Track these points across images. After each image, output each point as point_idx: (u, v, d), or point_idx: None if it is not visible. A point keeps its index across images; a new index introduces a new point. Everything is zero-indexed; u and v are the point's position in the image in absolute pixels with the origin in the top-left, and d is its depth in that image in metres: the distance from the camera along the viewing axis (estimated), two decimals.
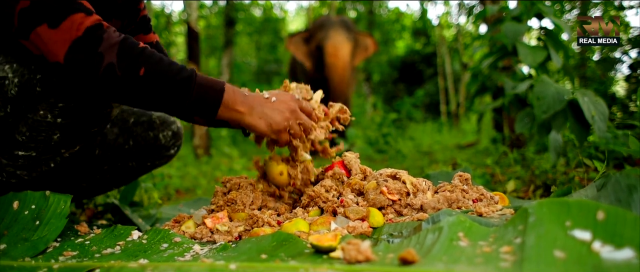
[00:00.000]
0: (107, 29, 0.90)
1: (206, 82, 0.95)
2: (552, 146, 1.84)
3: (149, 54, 0.92)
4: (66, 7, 0.87)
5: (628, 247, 0.53)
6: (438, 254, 0.62)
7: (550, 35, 2.23)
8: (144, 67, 0.90)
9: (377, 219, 0.95)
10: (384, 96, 11.53)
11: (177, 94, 0.93)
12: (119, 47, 0.89)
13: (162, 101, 0.94)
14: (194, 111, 0.96)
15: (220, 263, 0.67)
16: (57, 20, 0.87)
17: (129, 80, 0.90)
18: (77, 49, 0.87)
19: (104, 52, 0.88)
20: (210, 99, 0.95)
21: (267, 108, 0.99)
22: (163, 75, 0.91)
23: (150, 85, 0.91)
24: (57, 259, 0.86)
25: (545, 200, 0.63)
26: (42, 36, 0.87)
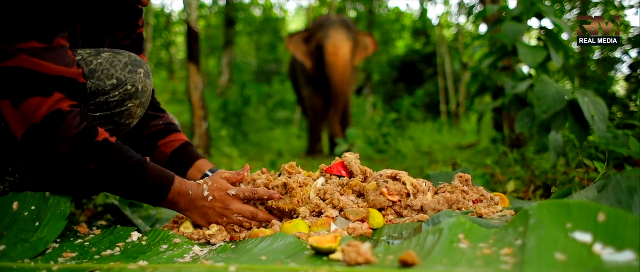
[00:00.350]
0: (67, 117, 0.92)
1: (154, 181, 1.02)
2: (552, 146, 1.84)
3: (104, 149, 0.96)
4: (26, 88, 0.90)
5: (629, 249, 0.53)
6: (438, 257, 0.62)
7: (550, 35, 2.23)
8: (93, 163, 0.96)
9: (377, 220, 0.95)
10: (384, 96, 11.52)
11: (124, 189, 1.01)
12: (72, 141, 0.93)
13: (110, 191, 1.03)
14: (141, 201, 1.06)
15: (220, 265, 0.67)
16: (17, 101, 0.91)
17: (78, 171, 0.96)
18: (33, 135, 0.92)
19: (58, 143, 0.93)
20: (155, 197, 1.03)
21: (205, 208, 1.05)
22: (112, 172, 0.98)
23: (98, 179, 0.98)
24: (56, 260, 0.86)
25: (546, 202, 0.63)
26: (4, 111, 0.92)
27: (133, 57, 1.06)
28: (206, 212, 1.04)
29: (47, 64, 0.90)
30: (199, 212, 1.05)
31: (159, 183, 1.02)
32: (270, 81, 11.83)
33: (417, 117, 7.70)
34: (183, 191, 1.04)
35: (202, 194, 1.05)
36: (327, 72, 4.79)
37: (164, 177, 1.03)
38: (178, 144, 1.30)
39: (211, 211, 1.04)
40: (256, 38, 13.80)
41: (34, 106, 0.90)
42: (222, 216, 1.03)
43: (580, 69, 3.54)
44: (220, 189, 1.06)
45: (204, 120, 4.51)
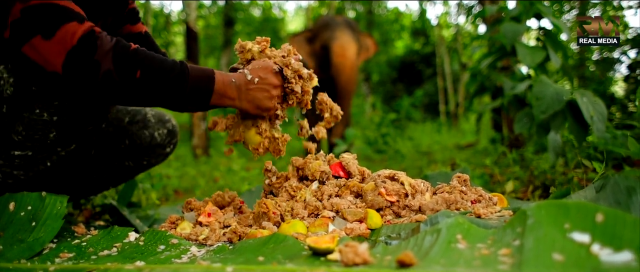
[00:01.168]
0: (100, 35, 0.90)
1: (198, 74, 0.98)
2: (551, 146, 1.84)
3: (142, 55, 0.93)
4: (58, 17, 0.88)
5: (627, 249, 0.52)
6: (436, 257, 0.61)
7: (549, 35, 2.23)
8: (139, 69, 0.92)
9: (375, 220, 0.95)
10: (383, 96, 11.52)
11: (172, 91, 0.96)
12: (113, 53, 0.90)
13: (160, 99, 0.97)
14: (189, 103, 0.99)
15: (217, 265, 0.67)
16: (51, 31, 0.87)
17: (127, 84, 0.92)
18: (73, 59, 0.88)
19: (100, 60, 0.89)
20: (203, 90, 0.98)
21: (254, 91, 1.02)
22: (158, 74, 0.93)
23: (148, 86, 0.93)
24: (53, 260, 0.85)
25: (544, 202, 0.62)
26: (37, 47, 0.88)
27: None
28: (255, 97, 1.03)
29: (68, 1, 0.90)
30: (248, 98, 1.03)
31: (203, 75, 0.98)
32: None
33: (416, 117, 7.70)
34: (226, 80, 1.01)
35: (245, 78, 1.03)
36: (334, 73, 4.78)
37: (204, 70, 1.00)
38: None
39: (260, 93, 1.03)
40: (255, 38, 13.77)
41: (71, 30, 0.87)
42: (272, 97, 1.04)
43: (579, 70, 3.54)
44: (261, 67, 1.05)
45: (203, 120, 4.50)
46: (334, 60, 4.74)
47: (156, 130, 1.40)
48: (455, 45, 9.94)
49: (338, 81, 4.78)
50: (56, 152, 1.09)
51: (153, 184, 2.04)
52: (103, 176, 1.40)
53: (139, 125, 1.38)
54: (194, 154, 4.45)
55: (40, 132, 1.02)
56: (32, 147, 1.04)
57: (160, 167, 2.95)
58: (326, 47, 4.82)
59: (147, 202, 1.86)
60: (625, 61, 3.00)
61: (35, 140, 1.03)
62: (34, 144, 1.04)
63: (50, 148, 1.06)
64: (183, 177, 2.99)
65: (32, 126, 1.01)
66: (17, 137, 1.02)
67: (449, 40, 10.66)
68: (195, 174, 3.11)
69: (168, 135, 1.44)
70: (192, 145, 4.52)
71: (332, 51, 4.74)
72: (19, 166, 1.07)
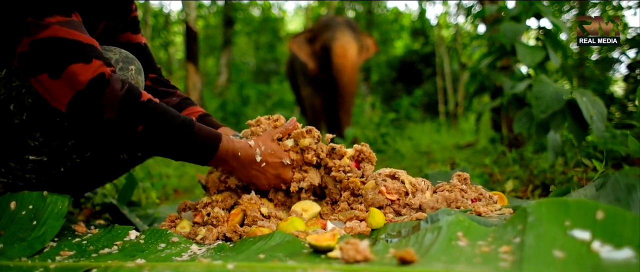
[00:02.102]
0: (110, 79, 0.90)
1: (202, 138, 1.00)
2: (551, 145, 1.84)
3: (150, 109, 0.94)
4: (65, 56, 0.87)
5: (627, 247, 0.53)
6: (437, 254, 0.62)
7: (548, 35, 2.23)
8: (142, 124, 0.93)
9: (377, 219, 0.94)
10: (383, 96, 11.52)
11: (173, 149, 0.99)
12: (119, 104, 0.91)
13: (159, 152, 1.00)
14: (188, 160, 1.02)
15: (217, 263, 0.67)
16: (58, 71, 0.87)
17: (127, 135, 0.94)
18: (78, 102, 0.89)
19: (105, 108, 0.90)
20: (204, 154, 1.01)
21: (255, 171, 1.06)
22: (161, 132, 0.95)
23: (148, 141, 0.96)
24: (53, 258, 0.86)
25: (544, 200, 0.63)
26: (44, 84, 0.88)
27: (123, 53, 1.05)
28: (256, 176, 1.06)
29: (77, 32, 0.89)
30: (248, 175, 1.06)
31: (208, 140, 1.00)
32: (268, 81, 11.82)
33: (415, 116, 7.70)
34: (231, 149, 1.03)
35: (253, 158, 1.05)
36: (335, 73, 4.78)
37: (211, 134, 1.01)
38: (196, 115, 1.30)
39: (262, 176, 1.06)
40: (255, 38, 13.79)
41: (77, 72, 0.87)
42: (271, 185, 1.07)
43: (579, 69, 3.54)
44: (274, 155, 1.07)
45: None
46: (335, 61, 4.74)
47: None
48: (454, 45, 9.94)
49: (339, 82, 4.78)
50: (71, 159, 1.09)
51: (153, 183, 2.04)
52: (98, 170, 1.40)
53: None
54: None
55: (57, 139, 1.02)
56: (48, 153, 1.04)
57: (159, 166, 2.95)
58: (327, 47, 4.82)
59: (146, 201, 1.86)
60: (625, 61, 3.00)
61: (52, 147, 1.03)
62: (51, 150, 1.04)
63: (66, 155, 1.07)
64: (183, 176, 2.99)
65: (50, 133, 1.01)
66: (34, 142, 1.02)
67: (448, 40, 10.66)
68: (195, 174, 3.11)
69: None
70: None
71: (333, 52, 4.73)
72: (32, 170, 1.07)
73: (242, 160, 1.04)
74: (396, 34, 13.40)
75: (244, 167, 1.05)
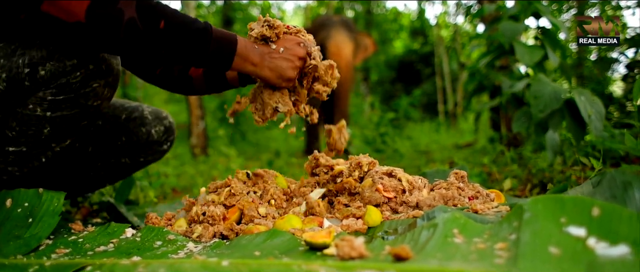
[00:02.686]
0: None
1: (221, 33, 0.98)
2: (549, 144, 1.84)
3: (164, 7, 0.93)
4: None
5: (623, 243, 0.52)
6: (432, 251, 0.61)
7: (547, 34, 2.23)
8: (163, 19, 0.91)
9: (373, 217, 0.94)
10: (382, 96, 11.52)
11: (195, 45, 0.95)
12: (137, 2, 0.89)
13: (182, 52, 0.95)
14: (211, 61, 0.98)
15: (213, 260, 0.67)
16: None
17: (151, 34, 0.91)
18: (97, 6, 0.87)
19: (124, 8, 0.88)
20: (226, 49, 0.98)
21: (278, 59, 1.04)
22: (182, 27, 0.93)
23: (171, 38, 0.93)
24: (49, 256, 0.85)
25: (540, 196, 0.62)
26: (57, 2, 0.86)
27: None
28: (278, 65, 1.03)
29: None
30: (271, 66, 1.03)
31: (226, 36, 0.98)
32: None
33: (414, 116, 7.70)
34: (249, 45, 1.02)
35: (270, 48, 1.04)
36: None
37: (228, 32, 1.00)
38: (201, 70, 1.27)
39: (283, 61, 1.03)
40: None
41: None
42: (297, 67, 1.05)
43: (578, 69, 3.54)
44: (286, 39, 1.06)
45: (202, 120, 4.50)
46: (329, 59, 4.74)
47: (153, 127, 1.40)
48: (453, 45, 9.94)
49: None
50: (51, 148, 1.08)
51: (151, 182, 2.04)
52: (99, 172, 1.40)
53: (136, 122, 1.38)
54: (193, 153, 4.44)
55: (33, 127, 1.01)
56: (26, 143, 1.04)
57: (158, 165, 2.95)
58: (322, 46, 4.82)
59: (144, 200, 1.86)
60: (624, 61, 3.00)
61: (28, 136, 1.03)
62: (28, 139, 1.03)
63: (45, 144, 1.06)
64: (181, 176, 2.99)
65: (25, 122, 1.00)
66: (11, 133, 1.02)
67: (447, 40, 10.66)
68: (194, 173, 3.11)
69: (165, 132, 1.43)
70: (191, 144, 4.52)
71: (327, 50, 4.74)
72: (14, 162, 1.06)
73: (262, 52, 1.02)
74: (395, 34, 13.40)
75: (266, 60, 1.02)
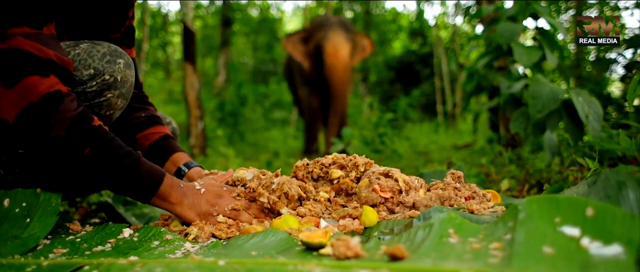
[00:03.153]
0: (65, 99, 0.90)
1: (146, 173, 0.99)
2: (547, 145, 1.85)
3: (99, 135, 0.94)
4: (22, 67, 0.86)
5: (617, 243, 0.53)
6: (427, 251, 0.62)
7: (545, 35, 2.23)
8: (89, 147, 0.92)
9: (370, 217, 0.94)
10: (381, 96, 11.53)
11: (116, 178, 0.96)
12: (70, 123, 0.90)
13: (101, 180, 0.97)
14: (130, 195, 1.00)
15: (209, 259, 0.67)
16: (12, 81, 0.86)
17: (73, 155, 0.92)
18: (28, 115, 0.88)
19: (55, 124, 0.89)
20: (146, 189, 1.00)
21: (195, 197, 1.04)
22: (107, 158, 0.94)
23: (92, 165, 0.94)
24: (46, 256, 0.85)
25: (535, 197, 0.63)
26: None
27: (113, 47, 1.04)
28: (197, 203, 1.03)
29: (41, 47, 0.88)
30: (189, 203, 1.03)
31: (152, 174, 1.00)
32: (266, 81, 11.83)
33: (413, 117, 7.71)
34: (175, 184, 1.03)
35: (193, 187, 1.05)
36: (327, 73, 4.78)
37: (156, 169, 1.02)
38: (157, 136, 1.30)
39: (202, 200, 1.03)
40: (253, 38, 13.79)
41: (32, 84, 0.86)
42: (214, 204, 1.03)
43: (576, 70, 3.55)
44: (213, 185, 1.07)
45: (200, 120, 4.50)
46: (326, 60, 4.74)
47: None
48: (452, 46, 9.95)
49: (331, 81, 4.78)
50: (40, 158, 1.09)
51: None
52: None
53: None
54: (191, 153, 4.45)
55: None
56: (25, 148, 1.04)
57: None
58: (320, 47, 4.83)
59: None
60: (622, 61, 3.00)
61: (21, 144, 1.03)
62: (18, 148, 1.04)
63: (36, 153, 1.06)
64: None
65: None
66: None
67: (446, 41, 10.67)
68: None
69: None
70: (189, 144, 4.52)
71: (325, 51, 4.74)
72: (22, 164, 1.07)
73: (184, 191, 1.03)
74: (394, 35, 13.42)
75: (185, 197, 1.03)
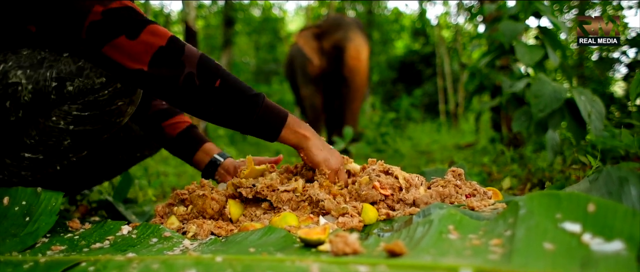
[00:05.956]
0: (186, 43, 0.96)
1: (273, 104, 1.03)
2: (549, 144, 1.84)
3: (223, 70, 0.99)
4: (141, 19, 0.92)
5: (618, 239, 0.52)
6: (426, 247, 0.61)
7: (547, 34, 2.22)
8: (219, 79, 0.97)
9: (370, 215, 0.94)
10: (383, 96, 11.53)
11: (246, 109, 0.99)
12: (199, 59, 0.95)
13: (232, 114, 1.00)
14: (260, 127, 1.02)
15: (207, 256, 0.67)
16: (136, 32, 0.91)
17: (206, 89, 0.96)
18: (161, 57, 0.92)
19: (185, 62, 0.94)
20: (276, 118, 1.02)
21: (328, 148, 1.07)
22: (236, 89, 0.98)
23: (224, 97, 0.97)
24: (44, 253, 0.85)
25: (536, 193, 0.62)
26: (122, 47, 0.91)
27: None
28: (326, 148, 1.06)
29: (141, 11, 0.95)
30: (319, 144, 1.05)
31: (279, 107, 1.03)
32: (269, 81, 11.83)
33: (415, 117, 7.69)
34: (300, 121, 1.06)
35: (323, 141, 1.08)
36: (348, 74, 4.77)
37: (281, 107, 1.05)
38: (184, 125, 1.30)
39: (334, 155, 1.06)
40: (255, 38, 13.80)
41: (155, 31, 0.92)
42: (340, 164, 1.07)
43: (578, 69, 3.54)
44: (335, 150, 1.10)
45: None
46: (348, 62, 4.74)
47: None
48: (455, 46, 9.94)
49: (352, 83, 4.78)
50: (67, 157, 1.09)
51: (150, 181, 2.04)
52: (95, 169, 1.39)
53: (132, 118, 1.38)
54: None
55: (54, 138, 1.02)
56: (44, 151, 1.04)
57: (158, 165, 2.95)
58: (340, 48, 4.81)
59: (143, 199, 1.86)
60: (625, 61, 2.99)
61: (48, 145, 1.03)
62: (46, 149, 1.04)
63: (62, 154, 1.06)
64: (181, 175, 2.99)
65: (46, 132, 1.01)
66: (30, 140, 1.02)
67: (448, 41, 10.66)
68: (194, 173, 3.11)
69: None
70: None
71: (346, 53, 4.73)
72: (28, 167, 1.07)
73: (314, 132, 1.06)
74: (396, 34, 13.41)
75: (317, 140, 1.05)
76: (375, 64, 11.65)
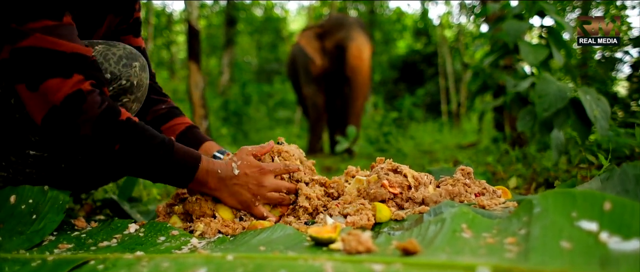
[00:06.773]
0: (88, 97, 0.88)
1: (182, 158, 0.98)
2: (554, 144, 1.83)
3: (128, 129, 0.92)
4: (43, 70, 0.86)
5: (636, 238, 0.51)
6: (441, 245, 0.60)
7: (552, 33, 2.21)
8: (119, 143, 0.92)
9: (384, 213, 0.92)
10: (385, 96, 11.51)
11: (150, 170, 0.96)
12: (95, 122, 0.89)
13: (137, 172, 0.98)
14: (168, 182, 1.00)
15: (217, 254, 0.66)
16: (35, 84, 0.86)
17: (103, 152, 0.92)
18: (53, 117, 0.87)
19: (81, 124, 0.88)
20: (183, 176, 0.99)
21: (237, 186, 1.02)
22: (139, 152, 0.93)
23: (125, 160, 0.94)
24: (51, 251, 0.85)
25: (550, 191, 0.61)
26: (22, 95, 0.87)
27: (128, 49, 1.03)
28: (237, 191, 1.01)
29: (61, 41, 0.86)
30: (229, 191, 1.01)
31: (187, 161, 0.98)
32: (271, 80, 11.82)
33: (418, 116, 7.68)
34: (211, 170, 1.00)
35: (232, 173, 1.01)
36: (350, 74, 4.77)
37: (191, 155, 0.99)
38: (183, 127, 1.28)
39: (244, 189, 1.01)
40: (257, 37, 13.81)
41: (54, 87, 0.85)
42: (256, 194, 1.01)
43: (582, 68, 3.52)
44: (251, 165, 1.03)
45: (205, 119, 4.50)
46: (351, 61, 4.74)
47: None
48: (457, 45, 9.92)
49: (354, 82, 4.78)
50: (73, 156, 1.08)
51: None
52: (102, 169, 1.39)
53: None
54: None
55: None
56: (49, 149, 1.03)
57: None
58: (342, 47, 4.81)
59: (148, 198, 1.85)
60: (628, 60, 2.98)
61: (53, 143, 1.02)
62: (52, 146, 1.03)
63: (67, 152, 1.06)
64: None
65: None
66: (34, 137, 1.01)
67: (451, 40, 10.64)
68: None
69: None
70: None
71: (349, 52, 4.73)
72: (33, 164, 1.06)
73: (222, 177, 1.01)
74: (399, 34, 13.40)
75: (224, 185, 1.01)
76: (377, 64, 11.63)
